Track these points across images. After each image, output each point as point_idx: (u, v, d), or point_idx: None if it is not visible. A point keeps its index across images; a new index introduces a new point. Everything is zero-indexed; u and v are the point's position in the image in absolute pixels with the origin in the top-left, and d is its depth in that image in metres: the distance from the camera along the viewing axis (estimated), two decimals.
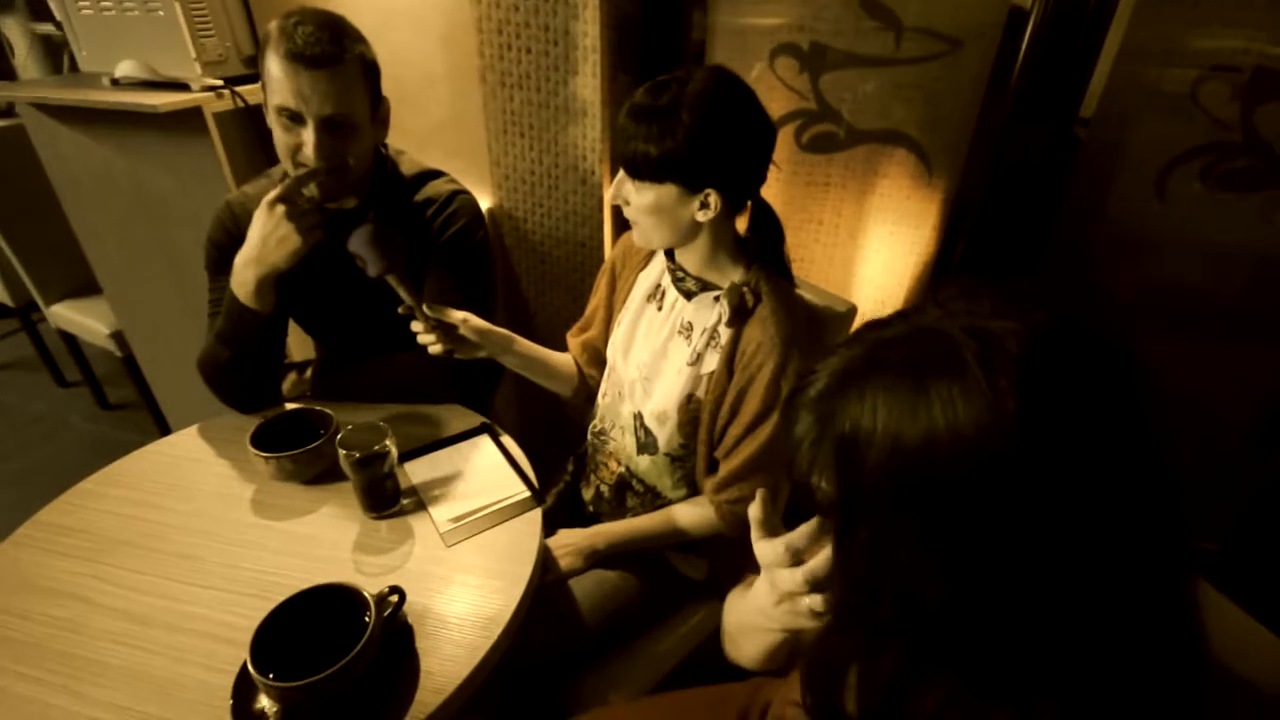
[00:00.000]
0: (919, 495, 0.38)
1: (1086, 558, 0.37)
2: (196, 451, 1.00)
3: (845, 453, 0.40)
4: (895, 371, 0.39)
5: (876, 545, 0.40)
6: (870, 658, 0.43)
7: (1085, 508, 0.36)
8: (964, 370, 0.36)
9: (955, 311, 0.40)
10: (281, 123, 0.92)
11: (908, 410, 0.37)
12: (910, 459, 0.37)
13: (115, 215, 1.55)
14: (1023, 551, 0.36)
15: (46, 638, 0.71)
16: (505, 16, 1.18)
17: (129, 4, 1.27)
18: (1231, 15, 1.09)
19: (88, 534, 0.84)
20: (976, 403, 0.35)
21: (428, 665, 0.68)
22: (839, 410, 0.41)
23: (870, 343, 0.43)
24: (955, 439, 0.36)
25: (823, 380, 0.43)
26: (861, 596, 0.43)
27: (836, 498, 0.42)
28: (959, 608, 0.38)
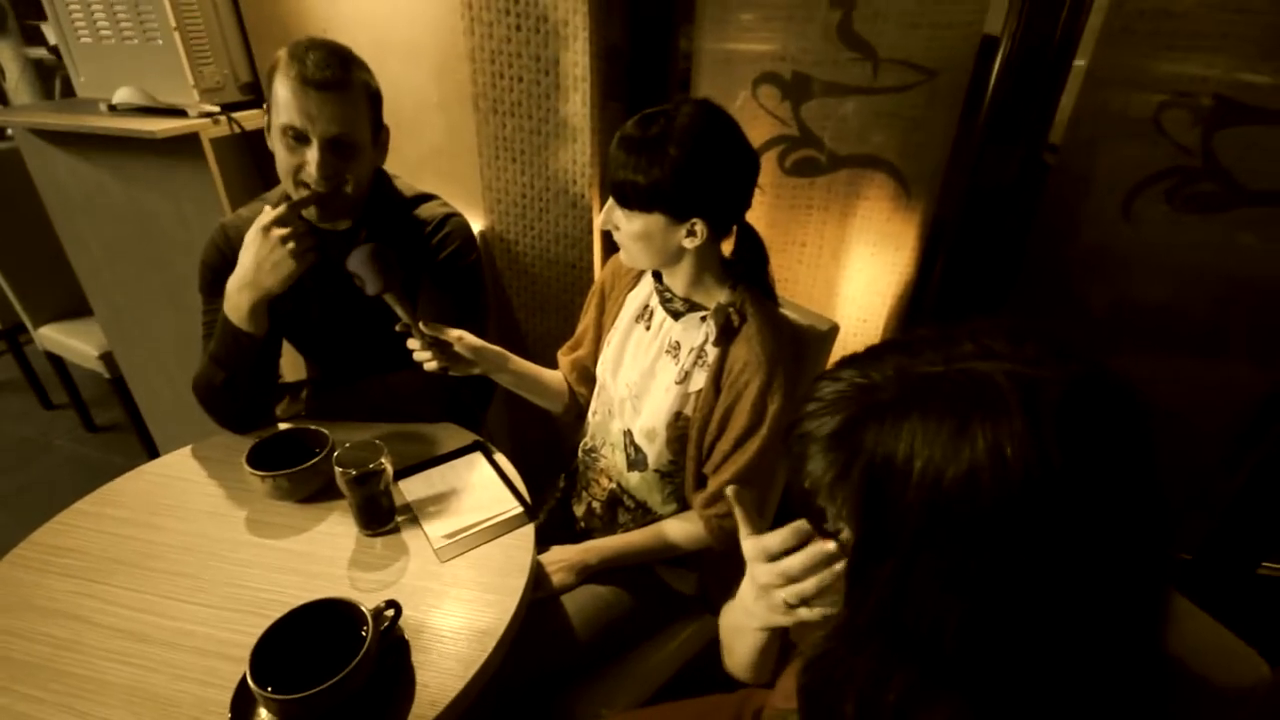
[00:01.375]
0: (953, 534, 0.38)
1: (1101, 592, 0.39)
2: (190, 472, 1.01)
3: (876, 485, 0.40)
4: (938, 411, 0.39)
5: (901, 577, 0.40)
6: (878, 680, 0.43)
7: (1107, 548, 0.38)
8: (1009, 416, 0.37)
9: (998, 353, 0.40)
10: (286, 142, 0.95)
11: (950, 451, 0.37)
12: (950, 499, 0.37)
13: (109, 238, 1.57)
14: (1046, 589, 0.38)
15: (46, 657, 0.72)
16: (498, 47, 1.22)
17: (128, 32, 1.30)
18: (1191, 44, 1.14)
19: (84, 554, 0.85)
20: (1020, 450, 0.36)
21: (423, 679, 0.70)
22: (870, 440, 0.41)
23: (904, 375, 0.42)
24: (997, 483, 0.36)
25: (844, 406, 0.43)
26: (877, 623, 0.43)
27: (860, 526, 0.42)
28: (977, 640, 0.39)
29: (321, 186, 0.96)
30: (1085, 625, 0.39)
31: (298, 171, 0.96)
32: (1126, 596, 0.40)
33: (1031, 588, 0.38)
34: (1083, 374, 0.39)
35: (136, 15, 1.27)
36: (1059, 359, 0.39)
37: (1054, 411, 0.37)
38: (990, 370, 0.39)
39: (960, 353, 0.42)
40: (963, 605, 0.39)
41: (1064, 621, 0.38)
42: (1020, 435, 0.36)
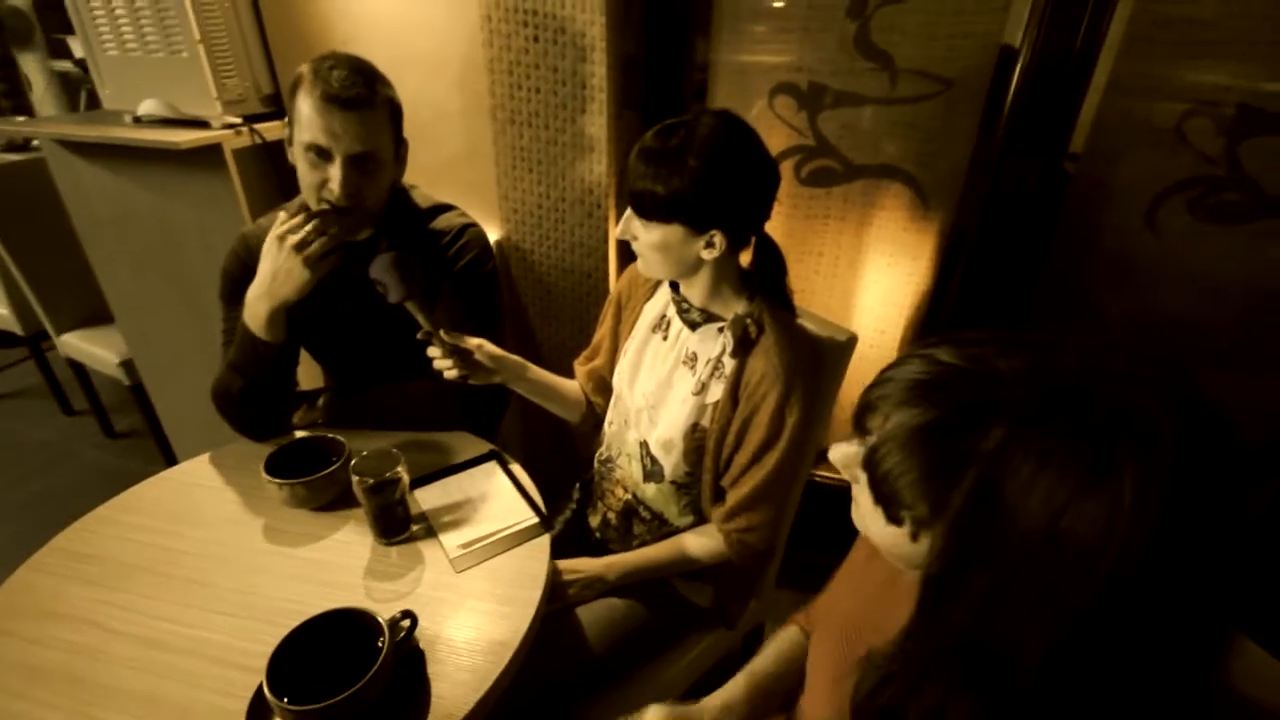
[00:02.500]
0: (1067, 567, 0.36)
1: (1180, 638, 0.37)
2: (208, 479, 1.01)
3: (988, 499, 0.37)
4: (1083, 436, 0.36)
5: (994, 598, 0.38)
6: (941, 706, 0.41)
7: (1202, 597, 0.37)
8: (1160, 461, 0.35)
9: (1148, 379, 0.37)
10: (309, 159, 0.96)
11: (1090, 485, 0.35)
12: (1076, 535, 0.35)
13: (132, 247, 1.59)
14: (1137, 630, 0.36)
15: (63, 663, 0.72)
16: (516, 59, 1.23)
17: (153, 45, 1.33)
18: (1214, 52, 1.13)
19: (103, 560, 0.86)
20: (1162, 497, 0.34)
21: (439, 690, 0.69)
22: (990, 446, 0.37)
23: (1041, 378, 0.38)
24: (1133, 529, 0.34)
25: (956, 393, 0.40)
26: (956, 644, 0.41)
27: (956, 537, 0.39)
28: (1050, 676, 0.37)
29: (343, 202, 0.96)
30: (1160, 665, 0.37)
31: (320, 187, 0.97)
32: (1205, 638, 0.38)
33: (1124, 629, 0.36)
34: (1203, 422, 0.36)
35: (162, 28, 1.30)
36: (1181, 397, 0.37)
37: (1173, 467, 0.34)
38: (1144, 402, 0.36)
39: (1109, 368, 0.38)
40: (1052, 636, 0.37)
41: (1142, 661, 0.37)
42: (1166, 483, 0.34)
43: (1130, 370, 0.38)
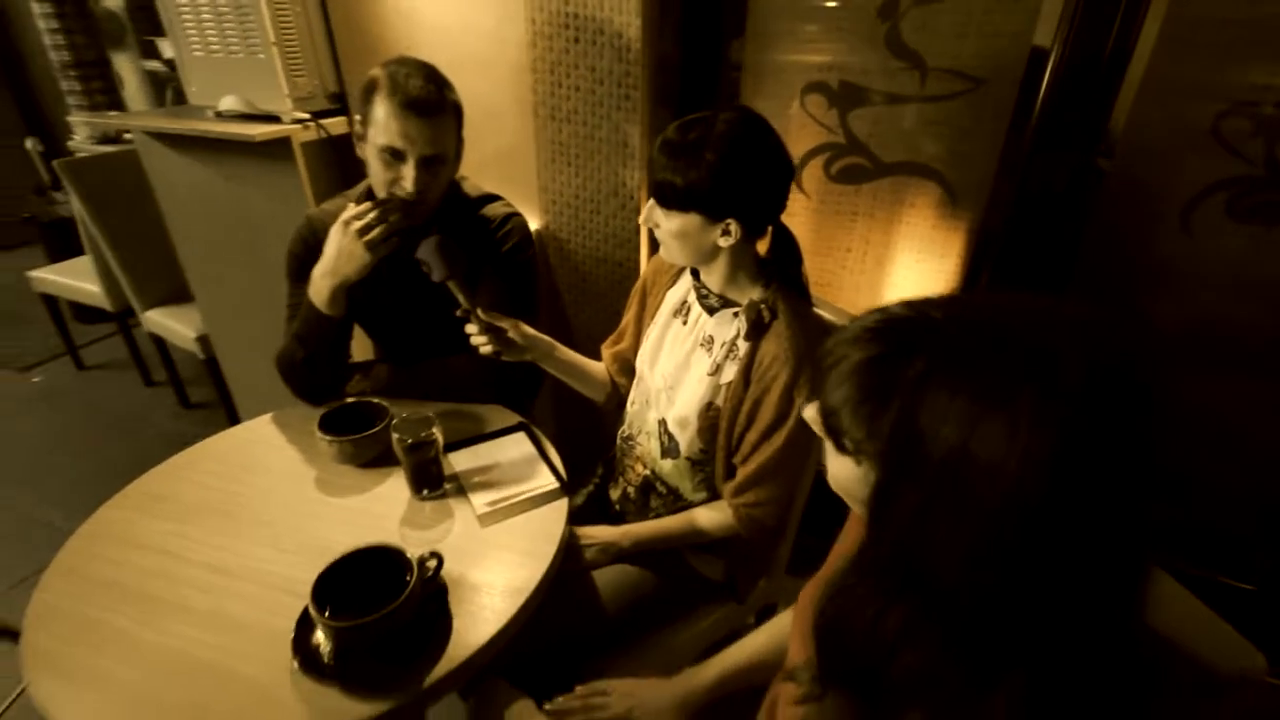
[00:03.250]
0: (975, 489, 0.40)
1: (1093, 552, 0.41)
2: (269, 436, 1.12)
3: (913, 423, 0.42)
4: (994, 371, 0.40)
5: (921, 513, 0.42)
6: (880, 615, 0.46)
7: (1111, 515, 0.40)
8: (1061, 398, 0.39)
9: (1033, 317, 0.42)
10: (384, 159, 1.05)
11: (996, 413, 0.39)
12: (982, 457, 0.39)
13: (210, 230, 1.75)
14: (1036, 551, 0.40)
15: (140, 583, 0.83)
16: (557, 59, 1.31)
17: (234, 47, 1.46)
18: (1252, 52, 1.12)
19: (177, 501, 0.97)
20: (1059, 432, 0.38)
21: (459, 624, 0.77)
22: (915, 376, 0.42)
23: (967, 320, 0.44)
24: (1028, 456, 0.38)
25: (895, 334, 0.45)
26: (892, 556, 0.46)
27: (889, 459, 0.44)
28: (969, 584, 0.42)
29: (413, 197, 1.06)
30: (1064, 578, 0.41)
31: (393, 183, 1.07)
32: (1112, 560, 0.42)
33: (1031, 545, 0.40)
34: (1119, 361, 0.40)
35: (242, 31, 1.43)
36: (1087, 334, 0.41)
37: (1099, 395, 0.39)
38: (1053, 339, 0.41)
39: (1030, 312, 0.43)
40: (967, 548, 0.41)
41: (1046, 574, 0.41)
42: (1063, 411, 0.38)
43: (1049, 314, 0.42)
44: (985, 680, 0.43)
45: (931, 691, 0.45)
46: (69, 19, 2.92)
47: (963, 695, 0.43)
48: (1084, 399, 0.39)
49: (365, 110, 1.05)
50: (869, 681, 0.48)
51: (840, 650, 0.50)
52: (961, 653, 0.44)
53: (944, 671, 0.44)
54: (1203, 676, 0.54)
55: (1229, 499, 1.46)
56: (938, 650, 0.44)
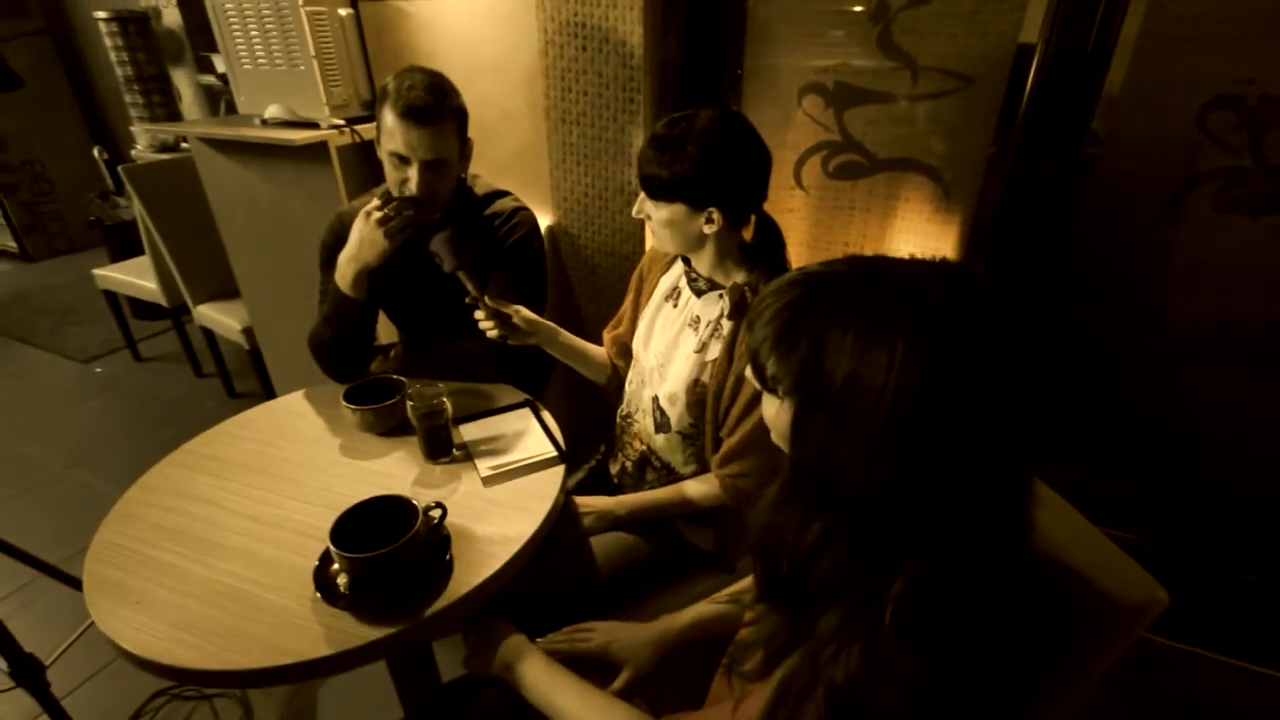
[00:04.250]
0: (865, 408, 0.48)
1: (969, 461, 0.49)
2: (303, 409, 1.25)
3: (818, 353, 0.50)
4: (879, 306, 0.49)
5: (827, 435, 0.50)
6: (801, 527, 0.54)
7: (979, 429, 0.48)
8: (931, 330, 0.47)
9: (909, 267, 0.51)
10: (392, 162, 1.17)
11: (878, 341, 0.48)
12: (868, 379, 0.48)
13: (256, 229, 1.90)
14: (917, 456, 0.48)
15: (188, 526, 0.95)
16: (567, 65, 1.41)
17: (278, 61, 1.61)
18: (1233, 46, 1.15)
19: (222, 460, 1.10)
20: (929, 358, 0.47)
21: (460, 568, 0.86)
22: (818, 316, 0.51)
23: (860, 271, 0.53)
24: (900, 378, 0.47)
25: (803, 284, 0.53)
26: (808, 475, 0.54)
27: (801, 385, 0.52)
28: (866, 490, 0.50)
29: (420, 196, 1.17)
30: (951, 481, 0.49)
31: (402, 184, 1.18)
32: (985, 461, 0.49)
33: (914, 452, 0.48)
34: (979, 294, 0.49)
35: (285, 46, 1.57)
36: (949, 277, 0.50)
37: (937, 324, 0.47)
38: (923, 281, 0.49)
39: (908, 264, 0.52)
40: (863, 462, 0.49)
41: (934, 477, 0.48)
42: (932, 337, 0.47)
43: (922, 264, 0.51)
44: (885, 572, 0.50)
45: (843, 590, 0.52)
46: (132, 37, 3.16)
47: (868, 589, 0.51)
48: (945, 323, 0.47)
49: (378, 118, 1.16)
50: (795, 592, 0.56)
51: (771, 566, 0.58)
52: (865, 550, 0.51)
53: (852, 569, 0.52)
54: (1106, 606, 0.60)
55: (1229, 490, 1.47)
56: (847, 552, 0.52)
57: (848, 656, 0.50)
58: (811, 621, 0.54)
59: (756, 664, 0.61)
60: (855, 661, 0.50)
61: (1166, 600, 0.60)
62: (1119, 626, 0.60)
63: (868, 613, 0.51)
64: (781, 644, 0.57)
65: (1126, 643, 0.60)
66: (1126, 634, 0.60)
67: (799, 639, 0.55)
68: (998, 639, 0.51)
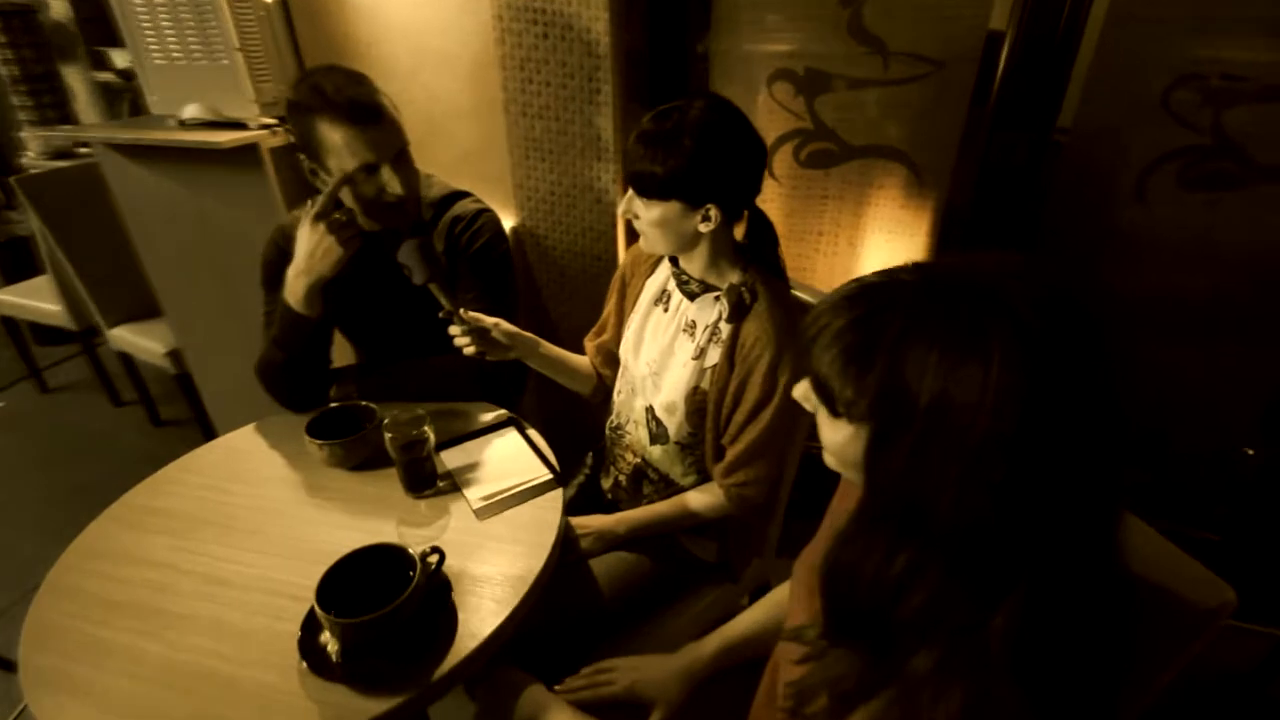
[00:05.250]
0: (957, 428, 0.43)
1: (1071, 478, 0.45)
2: (256, 446, 1.12)
3: (896, 386, 0.45)
4: (960, 312, 0.44)
5: (913, 458, 0.46)
6: (885, 561, 0.49)
7: (1081, 442, 0.44)
8: (1022, 331, 0.42)
9: (985, 271, 0.46)
10: (359, 177, 1.04)
11: (968, 351, 0.43)
12: (958, 404, 0.43)
13: (178, 242, 1.71)
14: (1019, 476, 0.44)
15: (139, 597, 0.83)
16: (526, 55, 1.31)
17: (196, 54, 1.44)
18: (1196, 26, 1.17)
19: (171, 513, 0.96)
20: (1009, 370, 0.42)
21: (464, 617, 0.78)
22: (892, 331, 0.46)
23: (929, 275, 0.48)
24: (998, 394, 0.42)
25: (868, 298, 0.48)
26: (890, 505, 0.49)
27: (879, 411, 0.47)
28: (964, 517, 0.45)
29: (405, 193, 1.07)
30: (1053, 501, 0.45)
31: (379, 194, 1.06)
32: (1087, 479, 0.46)
33: (1015, 469, 0.44)
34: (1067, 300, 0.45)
35: (204, 38, 1.41)
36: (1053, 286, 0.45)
37: (1057, 334, 0.43)
38: (1008, 286, 0.45)
39: (981, 267, 0.47)
40: (957, 488, 0.44)
41: (1036, 495, 0.44)
42: (1029, 349, 0.42)
43: (998, 267, 0.47)
44: (986, 605, 0.46)
45: (938, 626, 0.47)
46: (16, 32, 2.82)
47: (967, 624, 0.46)
48: (1042, 334, 0.43)
49: (308, 138, 1.03)
50: (876, 629, 0.51)
51: (847, 602, 0.53)
52: (964, 582, 0.46)
53: (949, 603, 0.47)
54: (1180, 612, 0.58)
55: (1190, 456, 1.53)
56: (942, 584, 0.47)
57: (948, 700, 0.46)
58: (899, 661, 0.50)
59: (824, 707, 0.56)
60: (957, 705, 0.46)
61: (1235, 600, 0.58)
62: (1195, 629, 0.58)
63: (967, 649, 0.46)
64: (861, 686, 0.52)
65: (1202, 644, 0.59)
66: (1202, 636, 0.58)
67: (883, 680, 0.51)
68: (1097, 664, 0.48)
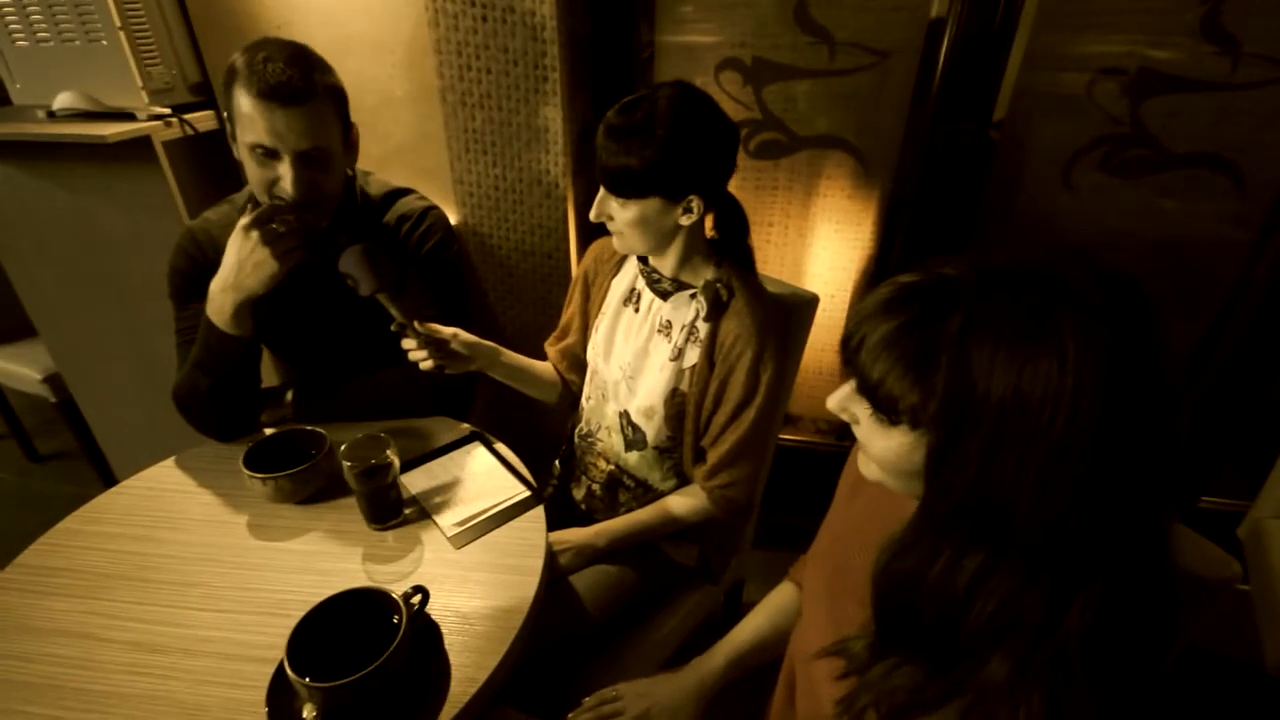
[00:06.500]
0: (1033, 425, 0.41)
1: (1149, 469, 0.43)
2: (177, 483, 0.98)
3: (964, 385, 0.43)
4: (1028, 301, 0.42)
5: (986, 458, 0.43)
6: (952, 567, 0.47)
7: (1158, 431, 0.43)
8: (1096, 315, 0.41)
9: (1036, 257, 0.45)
10: (256, 158, 0.92)
11: (1031, 359, 0.41)
12: (1033, 400, 0.41)
13: (55, 252, 1.49)
14: (1101, 469, 0.42)
15: (56, 676, 0.70)
16: (464, 39, 1.22)
17: (68, 34, 1.24)
18: (1114, 23, 1.24)
19: (77, 572, 0.82)
20: (1107, 348, 0.40)
21: (457, 660, 0.70)
22: (954, 330, 0.43)
23: (982, 269, 0.45)
24: (1076, 386, 0.40)
25: (920, 298, 0.46)
26: (959, 510, 0.46)
27: (945, 416, 0.44)
28: (1043, 514, 0.43)
29: (298, 199, 0.94)
30: (1133, 494, 0.43)
31: (272, 185, 0.94)
32: (1166, 468, 0.44)
33: (1097, 461, 0.42)
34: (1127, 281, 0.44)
35: (77, 15, 1.21)
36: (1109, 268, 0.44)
37: (1128, 315, 0.41)
38: (1069, 270, 0.43)
39: (1030, 254, 0.45)
40: (1037, 485, 0.42)
41: (1117, 487, 0.43)
42: (1105, 334, 0.40)
43: (1048, 253, 0.45)
44: (1061, 605, 0.44)
45: (1012, 631, 0.46)
46: None
47: (1042, 626, 0.44)
48: (1114, 320, 0.41)
49: (229, 104, 0.92)
50: (940, 638, 0.49)
51: (908, 610, 0.50)
52: (1040, 583, 0.45)
53: (1023, 606, 0.45)
54: (1196, 586, 0.59)
55: None
56: (1017, 586, 0.45)
57: (1029, 705, 0.45)
58: (968, 671, 0.48)
59: None
60: (1039, 711, 0.44)
61: (1240, 571, 0.60)
62: (1207, 600, 0.60)
63: (1043, 653, 0.45)
64: (922, 699, 0.50)
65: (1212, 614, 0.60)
66: (1213, 606, 0.60)
67: (950, 692, 0.49)
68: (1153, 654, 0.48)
